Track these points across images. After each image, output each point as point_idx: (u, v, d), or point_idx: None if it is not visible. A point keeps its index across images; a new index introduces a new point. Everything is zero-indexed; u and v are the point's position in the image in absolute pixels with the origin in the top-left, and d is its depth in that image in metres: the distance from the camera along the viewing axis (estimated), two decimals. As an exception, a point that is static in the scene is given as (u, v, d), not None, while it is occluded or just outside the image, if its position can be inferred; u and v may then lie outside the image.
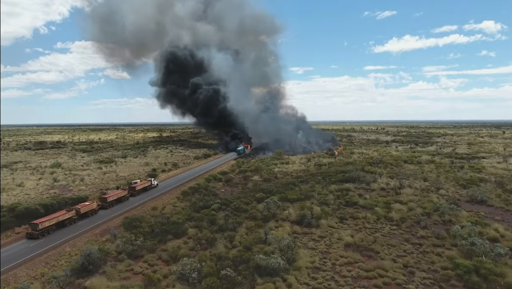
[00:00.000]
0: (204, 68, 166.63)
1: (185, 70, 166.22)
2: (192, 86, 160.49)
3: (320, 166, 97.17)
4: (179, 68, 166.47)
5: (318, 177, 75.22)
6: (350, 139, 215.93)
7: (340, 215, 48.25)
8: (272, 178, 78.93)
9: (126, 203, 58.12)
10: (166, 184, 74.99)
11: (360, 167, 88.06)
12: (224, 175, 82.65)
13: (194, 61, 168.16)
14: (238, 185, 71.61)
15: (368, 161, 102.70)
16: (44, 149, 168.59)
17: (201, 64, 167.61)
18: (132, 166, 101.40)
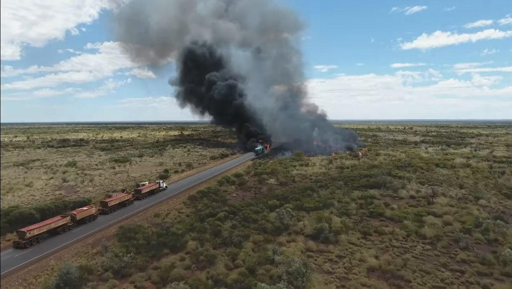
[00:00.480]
0: (222, 65, 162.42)
1: (203, 68, 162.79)
2: (207, 82, 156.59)
3: (342, 168, 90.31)
4: (197, 65, 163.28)
5: (339, 182, 68.71)
6: (376, 139, 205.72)
7: (363, 228, 41.92)
8: (289, 181, 73.13)
9: (130, 208, 54.28)
10: (176, 186, 70.94)
11: (387, 171, 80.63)
12: (238, 177, 77.69)
13: (212, 58, 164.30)
14: (251, 189, 66.39)
15: (395, 164, 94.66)
16: (66, 147, 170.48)
17: (220, 61, 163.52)
18: (146, 166, 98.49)
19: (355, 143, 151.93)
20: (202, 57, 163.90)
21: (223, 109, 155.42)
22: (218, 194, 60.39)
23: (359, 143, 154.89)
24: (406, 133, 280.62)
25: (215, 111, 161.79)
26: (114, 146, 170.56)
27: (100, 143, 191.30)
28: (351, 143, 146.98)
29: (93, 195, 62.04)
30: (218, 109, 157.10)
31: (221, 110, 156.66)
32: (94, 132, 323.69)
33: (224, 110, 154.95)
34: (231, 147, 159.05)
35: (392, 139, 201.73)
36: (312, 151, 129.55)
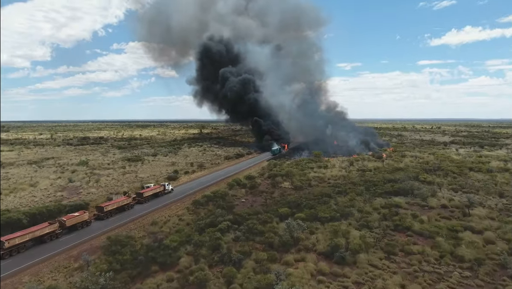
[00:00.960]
0: (239, 62, 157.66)
1: (219, 64, 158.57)
2: (221, 77, 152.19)
3: (363, 171, 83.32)
4: (213, 62, 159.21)
5: (360, 187, 62.14)
6: (401, 139, 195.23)
7: (386, 246, 35.71)
8: (304, 185, 67.24)
9: (128, 213, 50.31)
10: (183, 189, 66.67)
11: (414, 175, 73.18)
12: (250, 179, 72.54)
13: (229, 55, 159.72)
14: (263, 193, 61.02)
15: (423, 167, 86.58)
16: (84, 145, 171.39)
17: (237, 58, 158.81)
18: (158, 166, 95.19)
19: (379, 143, 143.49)
20: (218, 54, 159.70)
21: (236, 105, 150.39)
22: (225, 198, 55.43)
23: (383, 144, 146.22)
24: (433, 133, 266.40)
25: (228, 108, 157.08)
26: (131, 144, 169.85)
27: (119, 142, 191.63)
28: (374, 143, 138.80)
29: (95, 197, 58.67)
30: (231, 105, 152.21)
31: (234, 106, 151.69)
32: (115, 131, 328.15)
33: (238, 106, 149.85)
34: (248, 146, 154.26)
35: (419, 140, 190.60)
36: (332, 151, 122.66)
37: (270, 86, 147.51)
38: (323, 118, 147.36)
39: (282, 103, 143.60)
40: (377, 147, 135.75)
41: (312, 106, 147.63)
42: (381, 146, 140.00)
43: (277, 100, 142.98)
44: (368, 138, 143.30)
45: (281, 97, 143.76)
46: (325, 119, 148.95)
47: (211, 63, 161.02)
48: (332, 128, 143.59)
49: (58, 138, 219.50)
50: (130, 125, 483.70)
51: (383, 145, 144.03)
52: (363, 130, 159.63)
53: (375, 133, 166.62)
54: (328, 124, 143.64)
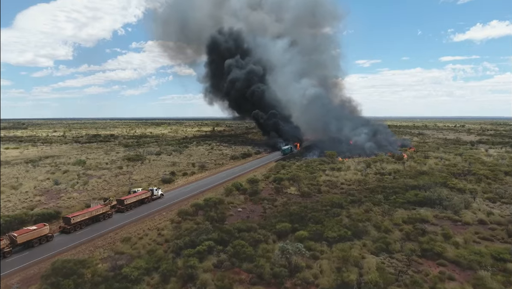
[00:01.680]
0: (248, 55, 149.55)
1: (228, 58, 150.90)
2: (226, 69, 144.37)
3: (382, 175, 73.99)
4: (221, 56, 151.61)
5: (378, 195, 53.14)
6: (423, 138, 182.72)
7: (412, 283, 27.04)
8: (313, 191, 58.72)
9: (103, 224, 43.28)
10: (176, 194, 59.39)
11: (441, 180, 63.45)
12: (253, 183, 64.60)
13: (238, 49, 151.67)
14: (264, 201, 52.89)
15: (451, 171, 76.41)
16: (92, 142, 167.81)
17: (246, 51, 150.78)
18: (157, 166, 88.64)
19: (399, 143, 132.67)
20: (227, 48, 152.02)
21: (239, 98, 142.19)
22: (219, 207, 47.69)
23: (403, 143, 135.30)
24: (457, 132, 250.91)
25: (232, 101, 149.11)
26: (139, 142, 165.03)
27: (127, 139, 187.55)
28: (393, 142, 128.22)
29: (74, 203, 52.12)
30: (234, 99, 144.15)
31: (237, 100, 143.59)
32: (129, 128, 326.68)
33: (241, 100, 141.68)
34: (259, 144, 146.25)
35: (443, 139, 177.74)
36: (348, 151, 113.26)
37: (280, 80, 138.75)
38: (337, 115, 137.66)
39: (292, 97, 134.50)
40: (397, 146, 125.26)
41: (326, 102, 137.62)
42: (401, 145, 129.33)
43: (287, 94, 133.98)
44: (387, 137, 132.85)
45: (291, 91, 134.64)
46: (339, 116, 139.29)
47: (219, 57, 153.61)
48: (348, 126, 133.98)
49: (70, 136, 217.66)
50: (145, 123, 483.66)
51: (403, 144, 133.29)
52: (382, 129, 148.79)
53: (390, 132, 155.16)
54: (344, 122, 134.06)
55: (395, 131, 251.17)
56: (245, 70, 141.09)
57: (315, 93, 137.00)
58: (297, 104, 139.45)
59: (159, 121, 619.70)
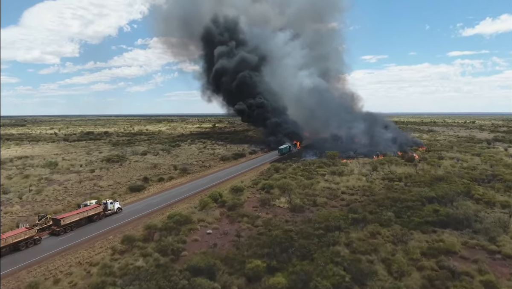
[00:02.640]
0: (244, 45, 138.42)
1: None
2: (216, 58, 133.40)
3: (391, 181, 63.04)
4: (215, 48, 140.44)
5: (388, 212, 42.25)
6: (433, 135, 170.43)
7: None
8: (307, 204, 48.14)
9: (23, 255, 33.08)
10: (140, 207, 49.06)
11: (463, 189, 52.44)
12: (236, 193, 54.20)
13: (233, 39, 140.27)
14: (244, 218, 42.38)
15: (472, 175, 65.17)
16: (81, 141, 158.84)
17: (242, 42, 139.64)
18: (135, 169, 78.74)
19: (408, 141, 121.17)
20: (221, 40, 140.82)
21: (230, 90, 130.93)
22: (181, 229, 37.28)
23: (415, 141, 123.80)
24: (469, 128, 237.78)
25: (224, 95, 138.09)
26: (130, 140, 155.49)
27: (121, 137, 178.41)
28: (402, 141, 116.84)
29: (6, 220, 42.07)
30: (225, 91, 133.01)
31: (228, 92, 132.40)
32: (128, 125, 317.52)
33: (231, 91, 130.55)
34: (257, 143, 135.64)
35: (454, 136, 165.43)
36: (353, 150, 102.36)
37: (277, 72, 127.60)
38: (339, 110, 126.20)
39: (289, 89, 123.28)
40: (406, 145, 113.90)
41: (326, 94, 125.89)
42: (411, 144, 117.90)
43: (284, 87, 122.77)
44: (396, 135, 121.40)
45: (288, 83, 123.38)
46: (342, 111, 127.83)
47: (214, 49, 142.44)
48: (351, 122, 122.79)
49: (63, 133, 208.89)
50: (149, 120, 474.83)
51: (413, 142, 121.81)
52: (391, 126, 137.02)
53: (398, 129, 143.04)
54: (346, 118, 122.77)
55: (402, 128, 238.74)
56: (236, 59, 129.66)
57: (313, 84, 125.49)
58: (295, 97, 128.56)
59: (163, 118, 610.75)
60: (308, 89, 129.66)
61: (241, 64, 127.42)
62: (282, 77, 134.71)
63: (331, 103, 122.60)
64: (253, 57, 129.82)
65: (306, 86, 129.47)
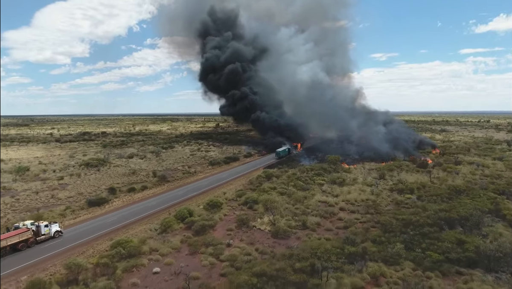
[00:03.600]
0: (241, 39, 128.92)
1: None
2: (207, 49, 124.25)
3: (401, 193, 53.09)
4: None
5: (397, 242, 32.43)
6: (447, 136, 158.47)
7: None
8: (294, 226, 38.66)
9: None
10: (90, 228, 40.08)
11: (490, 206, 42.31)
12: (212, 209, 44.98)
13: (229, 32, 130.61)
14: (209, 248, 33.14)
15: (497, 186, 54.70)
16: (74, 142, 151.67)
17: (240, 36, 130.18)
18: (110, 176, 70.23)
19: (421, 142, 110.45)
20: (216, 32, 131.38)
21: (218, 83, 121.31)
22: (117, 268, 28.22)
23: (428, 142, 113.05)
24: (484, 128, 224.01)
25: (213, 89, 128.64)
26: (124, 142, 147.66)
27: (118, 137, 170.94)
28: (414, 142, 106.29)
29: None
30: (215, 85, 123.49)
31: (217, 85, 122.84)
32: (130, 125, 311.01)
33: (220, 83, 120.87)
34: (257, 144, 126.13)
35: (470, 136, 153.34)
36: (358, 154, 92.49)
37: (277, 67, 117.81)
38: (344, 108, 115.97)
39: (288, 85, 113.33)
40: (418, 147, 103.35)
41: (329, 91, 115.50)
42: (424, 145, 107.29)
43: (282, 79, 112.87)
44: (407, 136, 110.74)
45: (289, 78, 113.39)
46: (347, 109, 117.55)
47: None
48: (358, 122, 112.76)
49: (62, 134, 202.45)
50: (156, 119, 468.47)
51: (426, 143, 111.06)
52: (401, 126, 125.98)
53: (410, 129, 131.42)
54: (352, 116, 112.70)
55: (414, 127, 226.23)
56: (229, 50, 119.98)
57: (313, 78, 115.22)
58: (296, 93, 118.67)
59: (170, 117, 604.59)
60: (308, 83, 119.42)
61: (234, 57, 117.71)
62: (282, 72, 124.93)
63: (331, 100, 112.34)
64: (248, 50, 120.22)
65: (305, 80, 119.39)
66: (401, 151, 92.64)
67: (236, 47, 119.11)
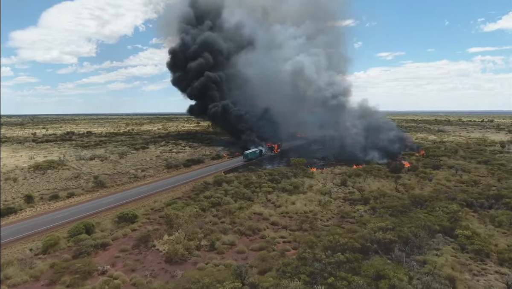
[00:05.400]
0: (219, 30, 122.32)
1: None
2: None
3: (352, 203, 46.34)
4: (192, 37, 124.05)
5: (305, 268, 25.67)
6: (441, 136, 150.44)
7: None
8: (201, 246, 32.25)
9: None
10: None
11: (446, 222, 35.48)
12: (123, 222, 38.70)
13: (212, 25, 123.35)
14: (76, 277, 26.91)
15: (468, 195, 47.55)
16: (51, 142, 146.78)
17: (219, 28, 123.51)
18: (49, 180, 64.47)
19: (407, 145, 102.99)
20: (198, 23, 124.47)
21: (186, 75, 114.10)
22: None
23: (413, 145, 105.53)
24: (484, 128, 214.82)
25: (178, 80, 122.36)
26: (102, 142, 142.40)
27: (99, 137, 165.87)
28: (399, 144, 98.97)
29: None
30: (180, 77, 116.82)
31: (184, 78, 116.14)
32: (125, 124, 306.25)
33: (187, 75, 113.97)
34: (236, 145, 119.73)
35: (465, 137, 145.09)
36: (334, 156, 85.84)
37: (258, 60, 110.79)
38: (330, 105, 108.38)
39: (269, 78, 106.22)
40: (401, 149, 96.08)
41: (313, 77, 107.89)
42: (410, 148, 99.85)
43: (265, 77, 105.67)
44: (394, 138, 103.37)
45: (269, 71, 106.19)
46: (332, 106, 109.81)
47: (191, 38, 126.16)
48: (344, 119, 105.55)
49: (48, 133, 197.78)
50: (156, 118, 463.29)
51: (412, 146, 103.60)
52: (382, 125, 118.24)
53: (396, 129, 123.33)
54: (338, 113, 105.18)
55: (413, 127, 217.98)
56: (199, 40, 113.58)
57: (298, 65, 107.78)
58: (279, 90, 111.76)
59: (172, 116, 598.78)
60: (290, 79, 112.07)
61: (203, 47, 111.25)
62: (266, 68, 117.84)
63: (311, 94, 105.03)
64: (221, 46, 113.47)
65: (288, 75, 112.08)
66: (382, 154, 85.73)
67: (207, 39, 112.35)
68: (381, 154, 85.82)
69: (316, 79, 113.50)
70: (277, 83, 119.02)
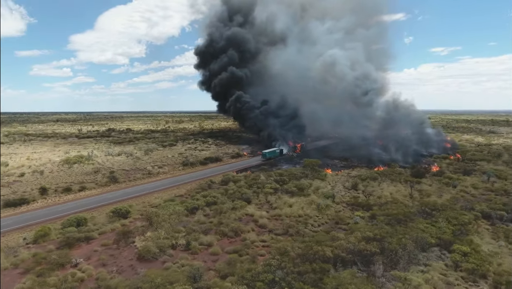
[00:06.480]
0: (251, 26, 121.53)
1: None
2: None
3: (353, 209, 43.55)
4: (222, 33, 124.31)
5: (264, 276, 24.30)
6: (489, 139, 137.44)
7: None
8: (176, 245, 32.04)
9: None
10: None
11: (449, 235, 32.02)
12: (115, 217, 39.82)
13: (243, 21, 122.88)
14: (49, 265, 27.95)
15: (490, 205, 42.64)
16: (91, 138, 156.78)
17: (251, 24, 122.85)
18: (70, 174, 68.42)
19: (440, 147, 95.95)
20: (229, 21, 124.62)
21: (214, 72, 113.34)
22: None
23: (447, 148, 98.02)
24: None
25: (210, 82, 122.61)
26: (137, 139, 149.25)
27: (136, 134, 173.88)
28: (431, 146, 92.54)
29: None
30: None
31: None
32: (165, 122, 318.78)
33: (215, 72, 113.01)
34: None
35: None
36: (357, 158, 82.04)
37: (291, 56, 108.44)
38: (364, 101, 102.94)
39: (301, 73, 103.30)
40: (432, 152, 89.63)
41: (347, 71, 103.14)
42: (445, 150, 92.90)
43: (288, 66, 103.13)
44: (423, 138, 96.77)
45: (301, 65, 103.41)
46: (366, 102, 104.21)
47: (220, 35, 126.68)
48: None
49: (95, 130, 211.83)
50: (198, 117, 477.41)
51: (448, 149, 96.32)
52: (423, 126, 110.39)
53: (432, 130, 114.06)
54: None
55: (462, 128, 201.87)
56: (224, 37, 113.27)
57: (329, 60, 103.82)
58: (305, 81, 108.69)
59: (213, 114, 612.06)
60: (325, 64, 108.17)
61: (229, 44, 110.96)
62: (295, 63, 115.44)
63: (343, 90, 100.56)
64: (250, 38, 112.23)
65: (323, 62, 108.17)
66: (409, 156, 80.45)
67: (236, 33, 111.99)
68: (407, 156, 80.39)
69: (346, 74, 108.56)
70: (307, 79, 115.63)
